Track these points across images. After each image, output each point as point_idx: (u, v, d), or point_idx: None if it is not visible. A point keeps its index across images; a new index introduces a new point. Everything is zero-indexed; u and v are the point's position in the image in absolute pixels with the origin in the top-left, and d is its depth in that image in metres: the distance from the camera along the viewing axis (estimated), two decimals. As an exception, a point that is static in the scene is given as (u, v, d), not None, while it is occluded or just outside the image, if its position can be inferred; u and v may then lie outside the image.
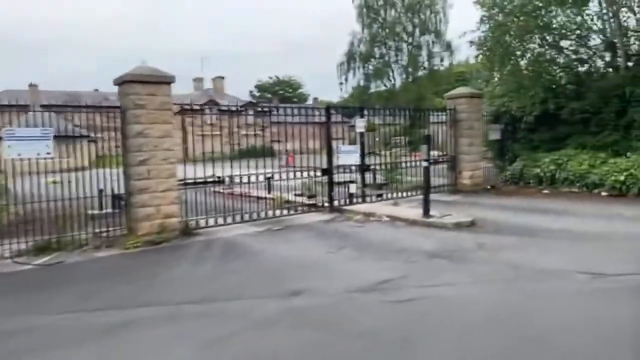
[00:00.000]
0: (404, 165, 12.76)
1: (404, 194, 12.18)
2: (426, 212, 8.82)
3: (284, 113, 10.77)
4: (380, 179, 13.29)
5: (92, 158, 11.34)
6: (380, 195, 11.75)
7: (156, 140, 7.90)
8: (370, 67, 50.53)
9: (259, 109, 10.15)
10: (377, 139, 16.15)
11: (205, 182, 8.92)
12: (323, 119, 10.83)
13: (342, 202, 10.91)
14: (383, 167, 12.51)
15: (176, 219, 8.16)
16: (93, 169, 8.55)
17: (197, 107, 9.80)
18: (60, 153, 8.60)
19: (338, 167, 10.92)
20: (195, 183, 8.83)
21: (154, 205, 7.91)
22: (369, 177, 11.92)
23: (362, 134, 11.29)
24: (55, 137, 7.37)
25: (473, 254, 6.55)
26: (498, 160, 15.18)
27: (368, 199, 11.42)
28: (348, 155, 10.96)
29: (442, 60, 47.69)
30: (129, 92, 7.69)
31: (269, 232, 8.64)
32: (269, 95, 75.43)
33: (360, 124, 11.13)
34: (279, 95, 73.92)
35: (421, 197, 12.58)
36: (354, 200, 11.05)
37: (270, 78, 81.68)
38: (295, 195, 11.45)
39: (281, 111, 10.73)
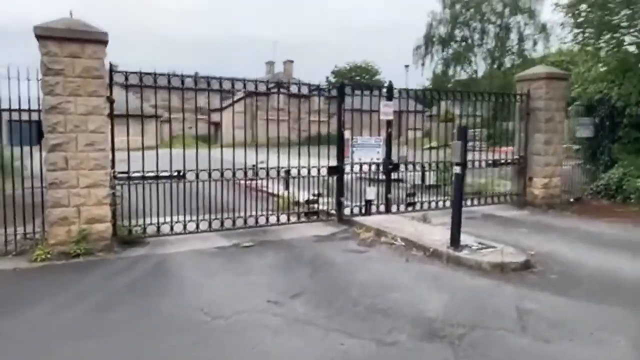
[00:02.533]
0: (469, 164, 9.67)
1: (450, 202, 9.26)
2: (455, 241, 5.98)
3: (288, 91, 8.33)
4: (431, 179, 10.43)
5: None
6: (411, 205, 8.94)
7: (78, 119, 5.87)
8: (450, 51, 46.17)
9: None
10: (454, 132, 13.09)
11: (157, 177, 6.79)
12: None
13: (358, 210, 8.30)
14: (437, 165, 9.58)
15: (106, 225, 6.12)
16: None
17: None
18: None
19: (355, 164, 8.28)
20: (144, 177, 6.72)
21: (73, 205, 5.92)
22: (412, 176, 9.11)
23: (389, 122, 8.52)
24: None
25: (505, 338, 3.74)
26: (588, 164, 11.54)
27: (395, 207, 8.69)
28: (366, 150, 8.28)
29: (535, 44, 41.98)
30: (42, 52, 5.70)
31: (231, 251, 6.34)
32: (345, 82, 72.81)
33: (386, 109, 8.37)
34: (355, 81, 71.15)
35: (474, 208, 9.71)
36: (372, 209, 8.39)
37: (348, 64, 79.04)
38: (313, 195, 8.98)
39: (352, 99, 8.25)
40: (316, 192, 8.53)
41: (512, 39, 43.33)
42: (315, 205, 8.28)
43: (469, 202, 9.56)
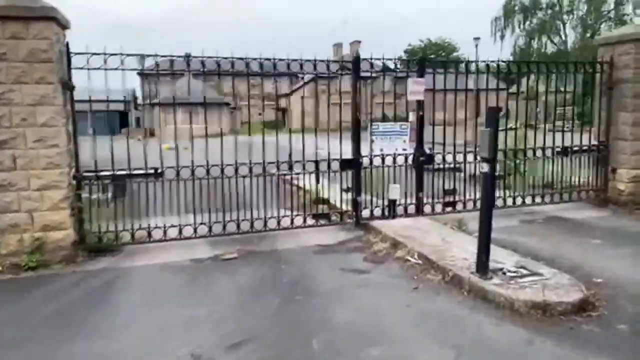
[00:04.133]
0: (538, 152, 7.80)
1: (512, 200, 7.52)
2: (482, 266, 4.37)
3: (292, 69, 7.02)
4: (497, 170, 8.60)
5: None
6: (450, 205, 7.29)
7: (25, 111, 5.05)
8: (534, 20, 41.52)
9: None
10: (539, 110, 11.00)
11: (130, 176, 5.87)
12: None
13: (381, 212, 6.87)
14: (510, 152, 7.84)
15: (64, 232, 5.31)
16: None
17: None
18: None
19: (375, 156, 6.82)
20: (114, 177, 5.83)
21: (25, 210, 5.16)
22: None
23: (420, 103, 6.90)
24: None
25: None
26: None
27: (429, 207, 7.12)
28: (389, 139, 6.76)
29: (635, 8, 36.33)
30: (-19, 33, 4.93)
31: (205, 265, 5.26)
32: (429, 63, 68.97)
33: (416, 87, 6.75)
34: (430, 60, 67.03)
35: (537, 207, 7.82)
36: (398, 210, 6.89)
37: (421, 41, 75.07)
38: (343, 190, 7.66)
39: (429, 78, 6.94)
40: (347, 186, 7.21)
41: (608, 2, 37.97)
42: (327, 206, 6.94)
43: (528, 200, 7.70)
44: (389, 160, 6.90)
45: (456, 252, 5.11)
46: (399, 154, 6.90)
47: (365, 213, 6.87)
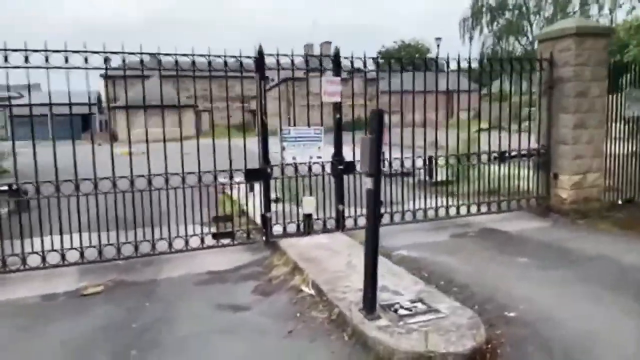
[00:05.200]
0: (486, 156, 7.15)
1: (446, 210, 6.84)
2: (369, 303, 3.61)
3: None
4: (444, 174, 8.02)
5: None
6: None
7: None
8: (502, 21, 41.60)
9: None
10: (506, 112, 10.42)
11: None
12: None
13: (296, 228, 6.10)
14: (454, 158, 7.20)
15: None
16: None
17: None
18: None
19: (287, 165, 6.03)
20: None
21: None
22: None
23: (337, 105, 6.15)
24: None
25: None
26: (645, 153, 8.47)
27: (351, 221, 6.38)
28: (302, 146, 5.98)
29: (601, 9, 36.60)
30: None
31: (59, 303, 4.39)
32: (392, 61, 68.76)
33: (330, 88, 6.00)
34: (407, 63, 66.72)
35: (472, 218, 7.15)
36: (311, 227, 6.12)
37: (395, 42, 75.00)
38: (272, 201, 6.86)
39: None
40: (275, 195, 6.45)
41: (573, 3, 38.27)
42: (230, 224, 6.11)
43: (463, 211, 7.03)
44: (304, 169, 6.13)
45: (356, 279, 4.35)
46: (315, 162, 6.13)
47: (279, 229, 6.08)
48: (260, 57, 5.74)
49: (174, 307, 4.19)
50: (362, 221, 6.50)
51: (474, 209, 7.10)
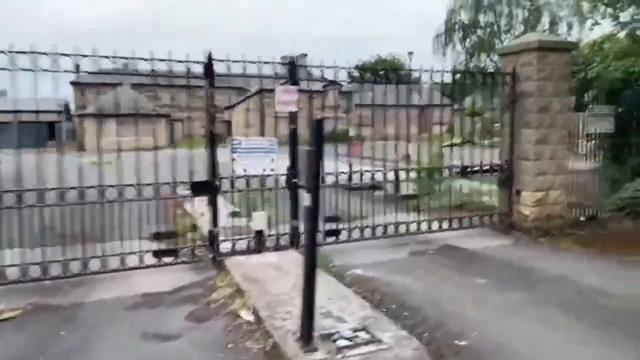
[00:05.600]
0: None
1: (406, 227, 6.57)
2: (305, 332, 3.26)
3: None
4: (411, 188, 7.78)
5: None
6: (333, 233, 6.25)
7: None
8: (474, 38, 42.36)
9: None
10: (477, 127, 10.31)
11: None
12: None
13: (247, 245, 5.73)
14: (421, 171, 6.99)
15: None
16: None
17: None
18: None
19: (237, 178, 5.67)
20: None
21: None
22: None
23: (293, 115, 5.86)
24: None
25: None
26: (607, 170, 8.43)
27: (305, 238, 6.04)
28: (253, 157, 5.64)
29: (570, 28, 37.60)
30: None
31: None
32: (368, 75, 69.29)
33: (285, 97, 5.70)
34: (380, 76, 67.48)
35: (432, 235, 6.92)
36: (262, 244, 5.76)
37: (372, 57, 75.82)
38: (230, 215, 6.45)
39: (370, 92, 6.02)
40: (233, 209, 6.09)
41: (543, 22, 39.26)
42: (174, 240, 5.69)
43: (424, 227, 6.78)
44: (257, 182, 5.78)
45: (299, 304, 4.00)
46: (268, 175, 5.79)
47: (228, 246, 5.69)
48: (209, 63, 5.40)
49: (94, 336, 3.76)
50: (318, 238, 6.18)
51: (435, 225, 6.86)
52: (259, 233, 5.71)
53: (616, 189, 8.29)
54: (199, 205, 6.14)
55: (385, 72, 6.61)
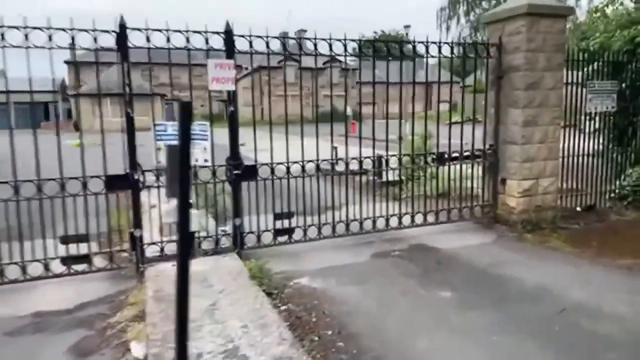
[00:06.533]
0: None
1: (373, 222, 5.72)
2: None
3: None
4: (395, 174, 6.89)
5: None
6: (285, 232, 5.43)
7: None
8: (478, 11, 40.60)
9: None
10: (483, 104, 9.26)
11: None
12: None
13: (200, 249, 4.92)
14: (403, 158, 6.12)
15: None
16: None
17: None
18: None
19: (162, 170, 4.82)
20: None
21: None
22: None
23: (231, 94, 4.96)
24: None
25: None
26: (612, 152, 7.45)
27: (252, 238, 5.25)
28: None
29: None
30: None
31: None
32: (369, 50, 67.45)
33: (220, 73, 4.79)
34: (382, 51, 65.61)
35: (406, 231, 6.10)
36: (194, 247, 4.93)
37: (375, 33, 73.97)
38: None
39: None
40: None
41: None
42: (86, 246, 4.87)
43: (394, 222, 5.93)
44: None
45: (206, 333, 3.20)
46: (202, 167, 4.94)
47: (156, 250, 4.89)
48: (122, 32, 4.49)
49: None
50: (267, 237, 5.38)
51: (407, 220, 6.01)
52: (191, 235, 4.89)
53: (618, 175, 7.39)
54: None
55: (386, 44, 5.74)
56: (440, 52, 5.86)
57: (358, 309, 3.89)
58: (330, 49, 5.39)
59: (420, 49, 5.83)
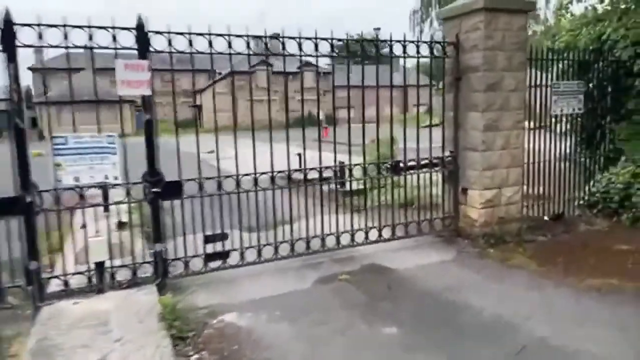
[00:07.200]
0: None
1: (331, 239, 5.12)
2: None
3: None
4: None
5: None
6: (219, 257, 4.77)
7: None
8: (451, 13, 40.67)
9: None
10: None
11: None
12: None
13: (87, 281, 4.22)
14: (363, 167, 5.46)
15: None
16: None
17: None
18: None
19: (64, 189, 4.11)
20: None
21: None
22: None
23: (147, 100, 4.29)
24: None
25: None
26: (577, 157, 7.01)
27: (179, 265, 4.58)
28: (88, 160, 4.08)
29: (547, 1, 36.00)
30: None
31: None
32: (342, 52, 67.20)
33: (131, 75, 4.12)
34: (359, 55, 65.41)
35: (360, 248, 5.51)
36: (104, 280, 4.23)
37: (351, 36, 73.68)
38: (119, 227, 4.89)
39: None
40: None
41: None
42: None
43: (345, 240, 5.33)
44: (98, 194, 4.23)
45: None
46: (115, 185, 4.25)
47: (59, 285, 4.18)
48: (7, 29, 3.78)
49: None
50: (197, 264, 4.71)
51: (360, 237, 5.42)
52: (99, 266, 4.18)
53: (587, 180, 6.96)
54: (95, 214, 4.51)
55: (361, 44, 5.25)
56: (405, 51, 5.34)
57: (285, 354, 3.27)
58: (283, 48, 4.88)
59: (386, 48, 5.38)
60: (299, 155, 5.32)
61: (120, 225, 5.08)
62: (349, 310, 3.98)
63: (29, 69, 42.01)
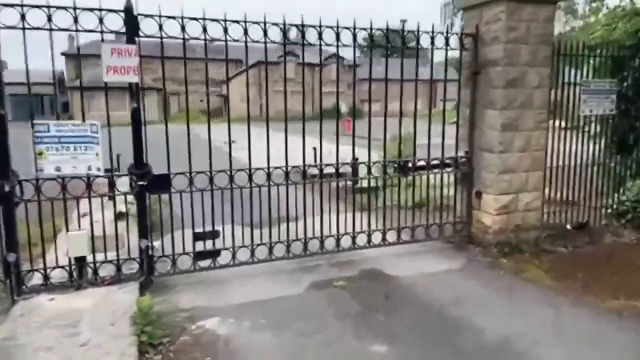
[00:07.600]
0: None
1: (331, 241, 4.83)
2: None
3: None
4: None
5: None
6: (209, 255, 4.52)
7: None
8: (483, 7, 39.43)
9: None
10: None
11: None
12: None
13: (69, 276, 4.04)
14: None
15: None
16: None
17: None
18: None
19: (44, 180, 3.92)
20: None
21: None
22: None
23: (135, 88, 4.04)
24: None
25: None
26: (607, 161, 6.45)
27: (166, 262, 4.35)
28: (70, 150, 3.87)
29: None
30: None
31: None
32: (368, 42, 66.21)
33: (118, 61, 3.88)
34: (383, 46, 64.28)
35: (364, 252, 5.17)
36: (83, 275, 4.04)
37: (380, 30, 72.81)
38: (118, 217, 4.76)
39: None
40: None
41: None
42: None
43: (346, 243, 5.01)
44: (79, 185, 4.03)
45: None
46: (97, 176, 4.03)
47: (39, 279, 4.00)
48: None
49: None
50: (185, 262, 4.47)
51: (362, 240, 5.08)
52: (80, 261, 3.98)
53: (617, 188, 6.41)
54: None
55: (386, 34, 4.91)
56: (433, 43, 4.97)
57: (260, 370, 2.99)
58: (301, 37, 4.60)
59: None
60: (314, 149, 4.96)
61: (120, 216, 4.91)
62: (340, 320, 3.67)
63: (62, 54, 42.90)
